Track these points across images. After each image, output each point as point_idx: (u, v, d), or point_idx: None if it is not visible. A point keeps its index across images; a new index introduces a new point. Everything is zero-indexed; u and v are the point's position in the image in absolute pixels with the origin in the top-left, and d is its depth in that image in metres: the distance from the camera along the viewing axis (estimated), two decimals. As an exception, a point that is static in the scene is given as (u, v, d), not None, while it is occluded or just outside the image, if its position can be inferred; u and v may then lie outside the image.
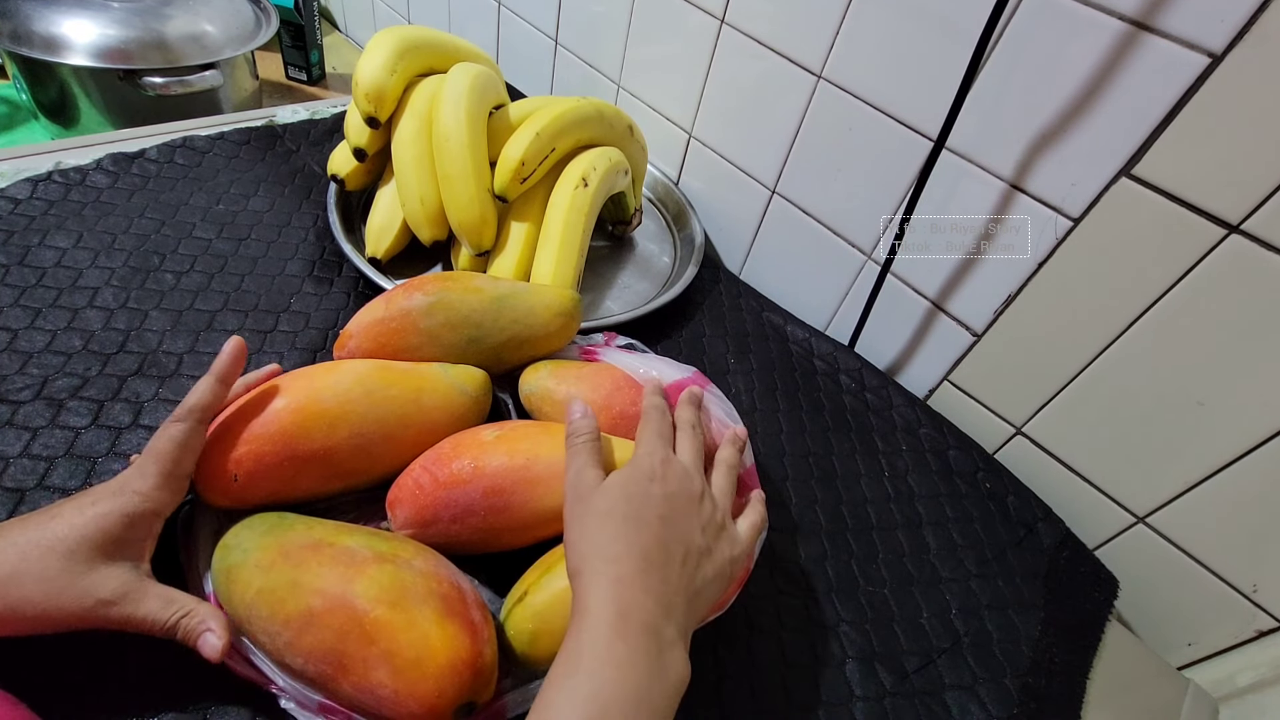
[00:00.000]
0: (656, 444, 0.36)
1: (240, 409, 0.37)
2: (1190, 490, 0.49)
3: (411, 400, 0.41)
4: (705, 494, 0.35)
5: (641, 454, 0.35)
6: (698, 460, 0.37)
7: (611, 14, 0.73)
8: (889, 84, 0.54)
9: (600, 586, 0.29)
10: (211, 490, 0.36)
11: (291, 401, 0.37)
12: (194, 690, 0.34)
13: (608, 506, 0.32)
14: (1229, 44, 0.38)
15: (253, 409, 0.37)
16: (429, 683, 0.29)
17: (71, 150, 0.62)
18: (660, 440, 0.36)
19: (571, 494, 0.34)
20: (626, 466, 0.34)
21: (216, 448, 0.36)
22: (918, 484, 0.55)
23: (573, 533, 0.32)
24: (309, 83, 1.05)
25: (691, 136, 0.72)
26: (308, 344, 0.52)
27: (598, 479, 0.34)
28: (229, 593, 0.33)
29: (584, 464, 0.35)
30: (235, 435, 0.36)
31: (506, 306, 0.47)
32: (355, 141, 0.59)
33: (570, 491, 0.34)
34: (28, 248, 0.52)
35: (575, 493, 0.34)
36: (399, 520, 0.38)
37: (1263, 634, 0.48)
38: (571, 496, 0.34)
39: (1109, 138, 0.44)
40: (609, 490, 0.33)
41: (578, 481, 0.34)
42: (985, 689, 0.44)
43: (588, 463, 0.35)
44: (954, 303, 0.57)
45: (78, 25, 0.76)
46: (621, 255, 0.70)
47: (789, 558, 0.47)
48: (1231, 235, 0.41)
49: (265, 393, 0.38)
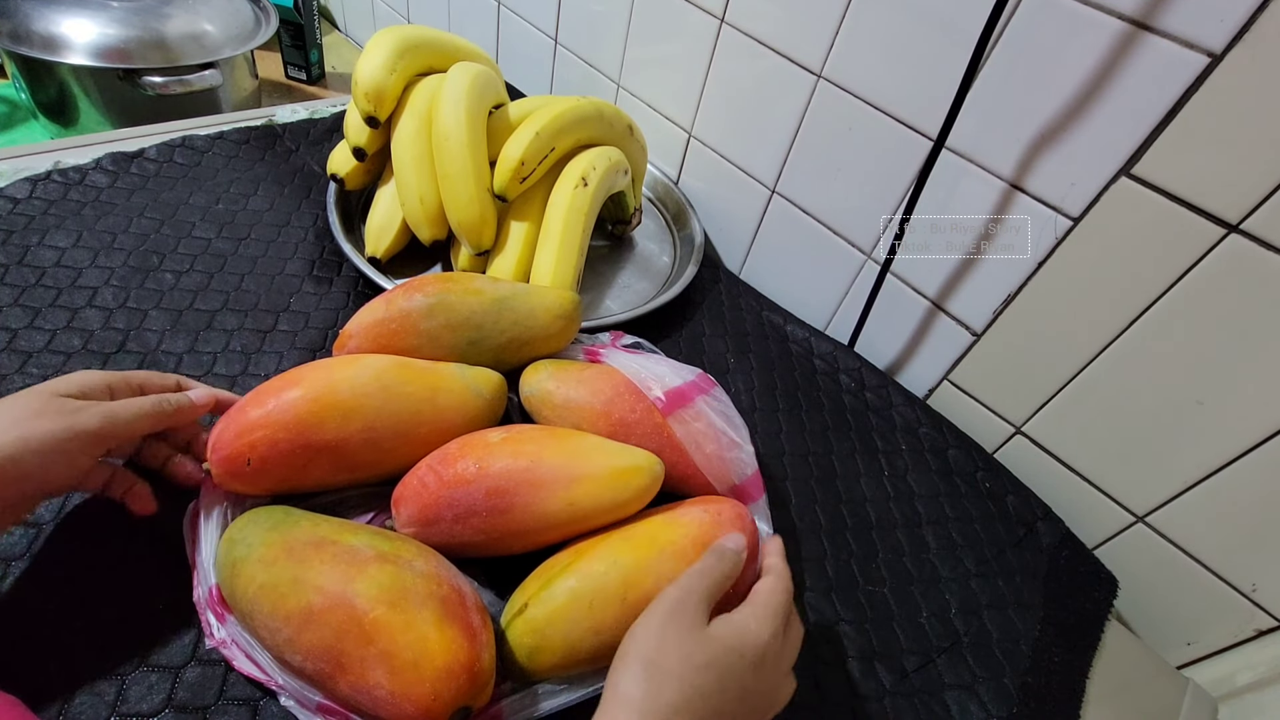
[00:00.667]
0: (777, 626, 0.32)
1: (259, 395, 0.38)
2: (1190, 490, 0.49)
3: (427, 399, 0.41)
4: (788, 680, 0.33)
5: (764, 633, 0.32)
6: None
7: (611, 13, 0.73)
8: (889, 84, 0.54)
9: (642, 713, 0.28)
10: (225, 473, 0.37)
11: (309, 391, 0.38)
12: (194, 690, 0.34)
13: (704, 660, 0.29)
14: (1229, 44, 0.38)
15: (271, 395, 0.38)
16: (425, 685, 0.29)
17: (71, 150, 0.62)
18: (780, 620, 0.33)
19: (669, 604, 0.31)
20: (741, 632, 0.31)
21: (233, 431, 0.37)
22: (917, 483, 0.55)
23: (651, 636, 0.30)
24: (308, 82, 1.05)
25: (691, 136, 0.72)
26: (307, 343, 0.52)
27: (702, 614, 0.31)
28: (233, 587, 0.33)
29: (700, 592, 0.32)
30: (252, 420, 0.37)
31: (507, 308, 0.47)
32: (355, 141, 0.59)
33: (669, 602, 0.31)
34: (27, 247, 0.52)
35: (674, 606, 0.31)
36: (402, 518, 0.38)
37: (1262, 633, 0.48)
38: (667, 606, 0.31)
39: (1109, 137, 0.44)
40: (712, 645, 0.30)
41: (683, 600, 0.31)
42: (985, 688, 0.44)
43: (704, 594, 0.32)
44: (954, 302, 0.57)
45: (77, 24, 0.76)
46: (621, 255, 0.70)
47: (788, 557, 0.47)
48: (1231, 235, 0.41)
49: (283, 381, 0.38)
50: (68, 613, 0.35)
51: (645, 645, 0.30)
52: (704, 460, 0.43)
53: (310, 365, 0.40)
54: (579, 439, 0.40)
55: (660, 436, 0.42)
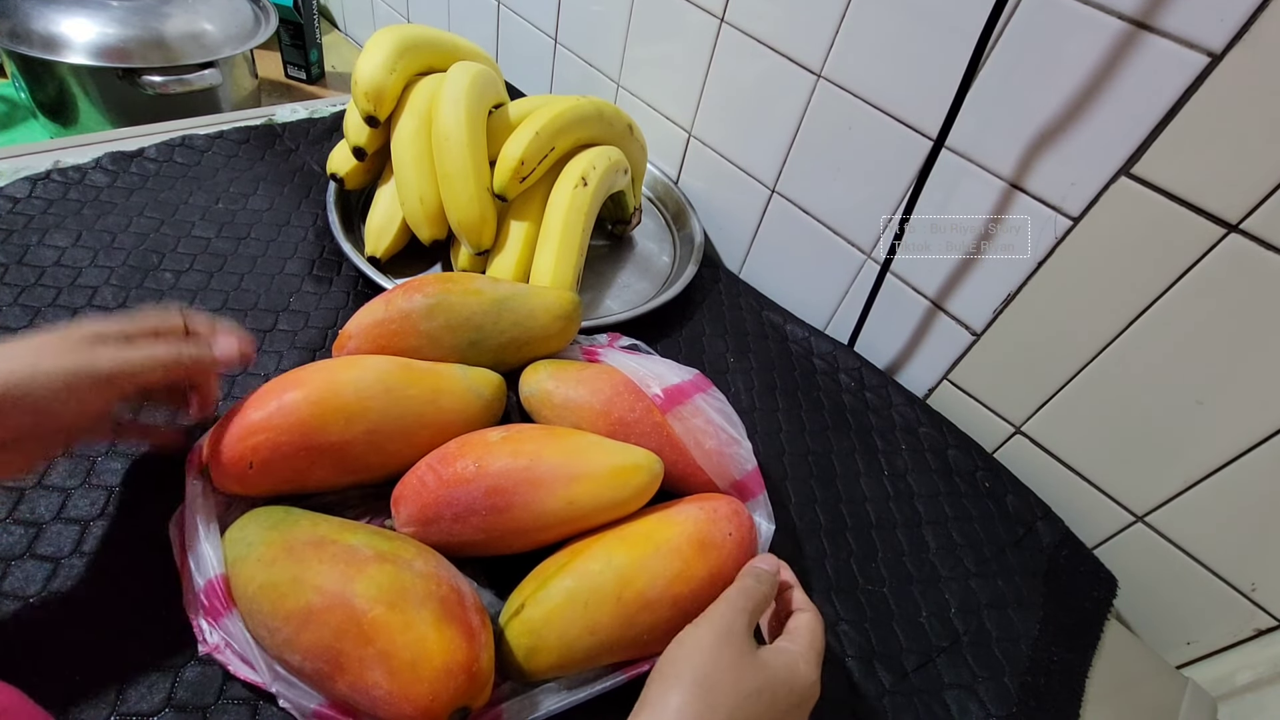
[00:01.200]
0: (816, 665, 0.32)
1: (260, 397, 0.38)
2: (1189, 489, 0.49)
3: (429, 401, 0.41)
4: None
5: (812, 675, 0.32)
6: None
7: (611, 13, 0.73)
8: (889, 83, 0.54)
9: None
10: (226, 476, 0.37)
11: (311, 393, 0.38)
12: (194, 690, 0.34)
13: (755, 687, 0.29)
14: (1229, 44, 0.38)
15: (273, 398, 0.37)
16: (423, 685, 0.29)
17: (70, 149, 0.62)
18: (820, 665, 0.33)
19: (721, 624, 0.31)
20: (791, 667, 0.31)
21: (234, 434, 0.36)
22: (917, 483, 0.55)
23: (705, 655, 0.30)
24: (308, 81, 1.05)
25: (691, 135, 0.72)
26: (307, 343, 0.52)
27: (751, 638, 0.31)
28: (232, 586, 0.33)
29: (748, 615, 0.32)
30: (253, 423, 0.37)
31: (507, 309, 0.47)
32: (354, 140, 0.59)
33: (721, 621, 0.31)
34: (26, 246, 0.52)
35: (728, 627, 0.31)
36: (402, 518, 0.38)
37: (1261, 632, 0.48)
38: (721, 626, 0.31)
39: (1109, 137, 0.44)
40: (764, 673, 0.30)
41: (734, 621, 0.31)
42: (984, 688, 0.44)
43: (751, 617, 0.32)
44: (954, 302, 0.57)
45: (77, 24, 0.76)
46: (621, 254, 0.70)
47: (788, 556, 0.47)
48: (1230, 234, 0.41)
49: (286, 383, 0.38)
50: (68, 612, 0.35)
51: (698, 663, 0.29)
52: (704, 456, 0.43)
53: (311, 366, 0.40)
54: (578, 438, 0.40)
55: (660, 435, 0.42)
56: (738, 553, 0.37)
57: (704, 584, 0.35)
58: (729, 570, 0.36)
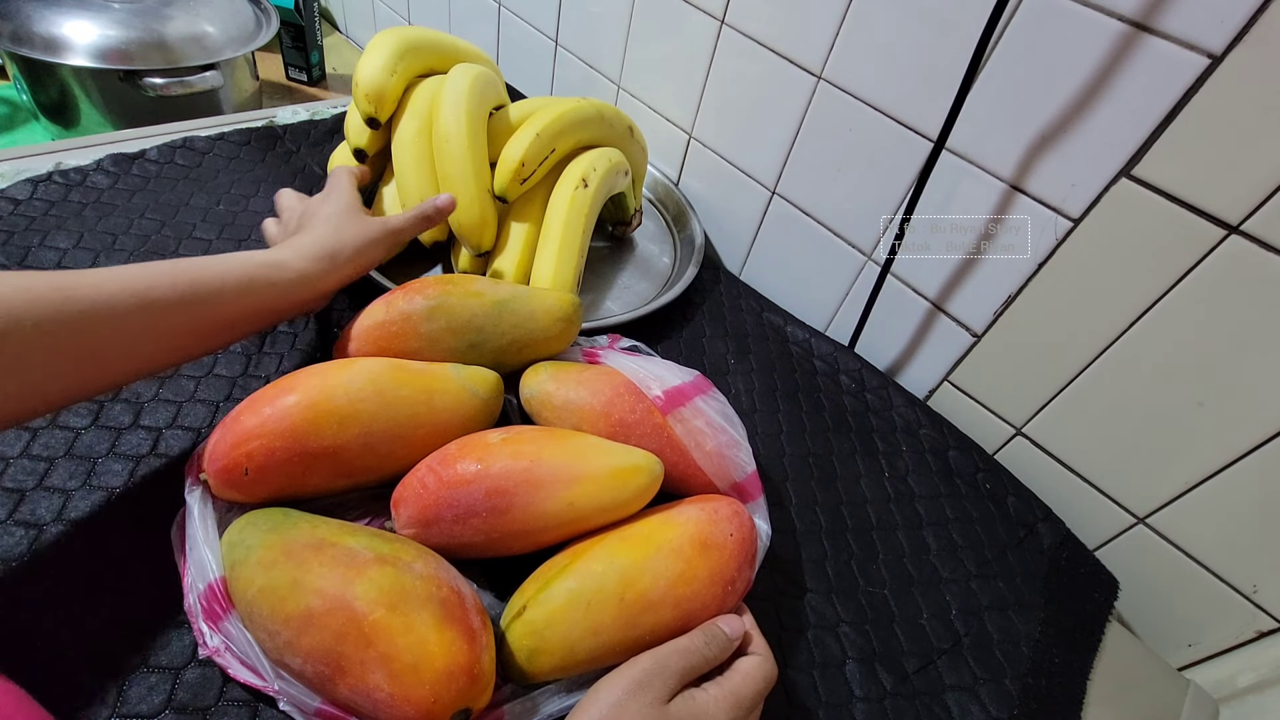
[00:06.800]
0: (734, 709, 0.32)
1: (254, 403, 0.38)
2: (1190, 491, 0.49)
3: (423, 401, 0.41)
4: None
5: (717, 716, 0.31)
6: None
7: (611, 14, 0.73)
8: (889, 84, 0.54)
9: None
10: (222, 483, 0.37)
11: (304, 398, 0.38)
12: (194, 691, 0.34)
13: None
14: (1229, 44, 0.38)
15: (266, 404, 0.37)
16: (425, 688, 0.29)
17: (72, 151, 0.62)
18: (744, 710, 0.32)
19: (638, 675, 0.31)
20: (694, 714, 0.31)
21: (229, 441, 0.36)
22: (918, 485, 0.55)
23: (610, 703, 0.30)
24: (309, 83, 1.05)
25: (691, 137, 0.72)
26: (307, 344, 0.52)
27: (667, 693, 0.31)
28: (232, 589, 0.33)
29: (674, 671, 0.32)
30: (248, 429, 0.36)
31: (507, 311, 0.47)
32: (355, 142, 0.59)
33: (639, 672, 0.31)
34: (28, 248, 0.52)
35: (642, 678, 0.31)
36: (402, 520, 0.38)
37: (1263, 634, 0.48)
38: (636, 676, 0.31)
39: (1109, 138, 0.44)
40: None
41: (653, 674, 0.31)
42: (985, 690, 0.44)
43: (677, 674, 0.32)
44: (954, 303, 0.57)
45: (78, 26, 0.76)
46: (621, 256, 0.70)
47: (789, 558, 0.47)
48: (1231, 236, 0.41)
49: (279, 388, 0.38)
50: (68, 612, 0.35)
51: (602, 709, 0.30)
52: (704, 458, 0.43)
53: (304, 371, 0.40)
54: (578, 439, 0.40)
55: (660, 436, 0.42)
56: (739, 553, 0.37)
57: (706, 584, 0.35)
58: (730, 570, 0.36)
